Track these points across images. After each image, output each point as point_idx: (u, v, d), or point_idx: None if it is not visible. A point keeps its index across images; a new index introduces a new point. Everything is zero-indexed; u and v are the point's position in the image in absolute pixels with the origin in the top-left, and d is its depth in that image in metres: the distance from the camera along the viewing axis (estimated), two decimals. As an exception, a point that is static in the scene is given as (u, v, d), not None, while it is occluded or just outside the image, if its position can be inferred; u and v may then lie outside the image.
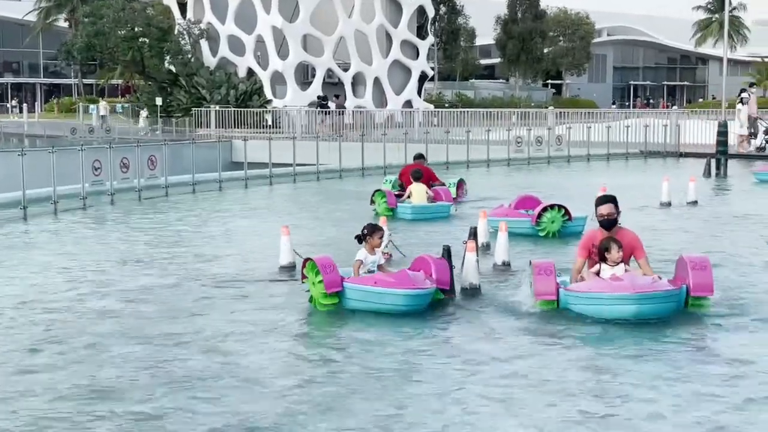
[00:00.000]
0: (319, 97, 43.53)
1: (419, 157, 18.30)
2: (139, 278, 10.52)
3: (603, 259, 8.52)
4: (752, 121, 30.54)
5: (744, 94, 30.97)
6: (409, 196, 15.85)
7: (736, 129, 30.58)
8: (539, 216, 13.32)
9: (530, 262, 8.89)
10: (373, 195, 16.19)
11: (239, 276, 10.56)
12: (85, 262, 11.61)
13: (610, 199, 8.73)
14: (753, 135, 30.75)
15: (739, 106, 30.75)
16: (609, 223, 8.63)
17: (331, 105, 41.43)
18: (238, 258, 11.83)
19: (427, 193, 15.88)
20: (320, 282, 8.58)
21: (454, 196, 17.05)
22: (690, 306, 8.33)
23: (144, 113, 47.33)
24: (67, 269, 11.16)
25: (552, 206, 13.42)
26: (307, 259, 8.92)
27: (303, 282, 8.98)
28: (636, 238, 8.70)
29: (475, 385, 6.49)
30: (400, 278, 8.63)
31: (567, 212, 13.37)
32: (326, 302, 8.61)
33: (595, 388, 6.43)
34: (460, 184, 18.23)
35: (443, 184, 17.22)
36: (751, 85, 34.71)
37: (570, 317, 8.29)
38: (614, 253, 8.43)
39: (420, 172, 16.23)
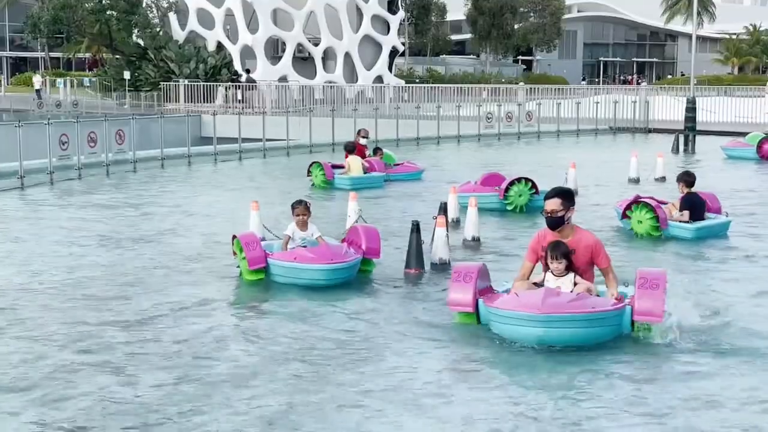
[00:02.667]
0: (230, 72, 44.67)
1: (358, 132, 19.13)
2: (101, 254, 10.44)
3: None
4: None
5: None
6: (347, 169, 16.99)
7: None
8: (506, 190, 13.40)
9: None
10: (310, 167, 17.09)
11: (207, 251, 10.52)
12: (46, 238, 11.51)
13: (559, 193, 7.22)
14: None
15: None
16: (552, 222, 7.16)
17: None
18: (206, 233, 11.77)
19: (363, 164, 17.00)
20: (244, 258, 8.79)
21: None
22: (636, 331, 6.82)
23: (222, 90, 40.09)
24: (26, 243, 11.07)
25: (519, 180, 13.51)
26: (233, 237, 9.16)
27: (234, 257, 9.20)
28: (595, 242, 7.22)
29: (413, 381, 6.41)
30: (319, 253, 8.79)
31: (534, 186, 13.46)
32: (252, 277, 8.85)
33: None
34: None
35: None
36: None
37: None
38: (554, 263, 7.08)
39: (352, 144, 17.57)
